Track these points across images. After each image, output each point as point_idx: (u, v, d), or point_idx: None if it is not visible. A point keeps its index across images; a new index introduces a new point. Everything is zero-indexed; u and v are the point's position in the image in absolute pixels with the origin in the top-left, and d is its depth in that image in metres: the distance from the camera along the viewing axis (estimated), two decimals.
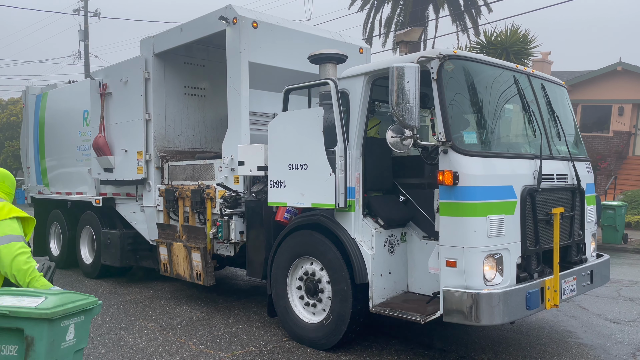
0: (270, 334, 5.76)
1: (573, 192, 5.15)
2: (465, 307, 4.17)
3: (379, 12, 24.17)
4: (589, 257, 5.48)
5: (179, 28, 7.03)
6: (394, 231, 5.12)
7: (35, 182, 10.60)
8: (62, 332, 2.60)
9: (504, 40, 17.78)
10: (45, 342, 2.46)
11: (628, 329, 6.03)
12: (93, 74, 8.65)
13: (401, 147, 4.30)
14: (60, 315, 2.55)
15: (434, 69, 4.43)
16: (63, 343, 2.60)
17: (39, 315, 2.45)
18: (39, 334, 2.45)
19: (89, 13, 27.95)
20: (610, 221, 12.85)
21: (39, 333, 2.45)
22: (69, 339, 2.66)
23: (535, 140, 4.96)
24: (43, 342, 2.45)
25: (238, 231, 6.13)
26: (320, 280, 5.21)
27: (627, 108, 21.57)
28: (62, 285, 8.41)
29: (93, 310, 2.86)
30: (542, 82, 5.37)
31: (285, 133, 5.36)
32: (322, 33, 7.08)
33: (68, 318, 2.64)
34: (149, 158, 7.45)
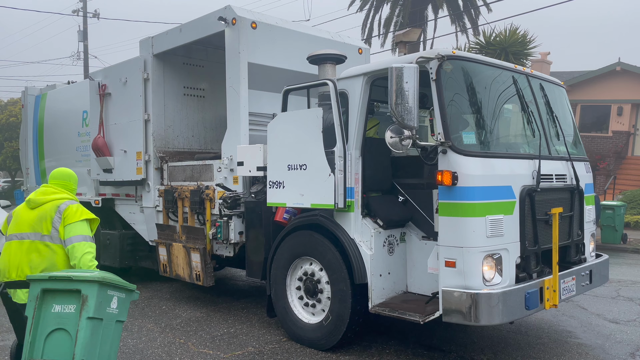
0: (270, 335, 5.77)
1: (572, 192, 5.16)
2: (464, 307, 4.17)
3: (378, 12, 24.18)
4: (588, 257, 5.48)
5: (178, 29, 7.03)
6: (393, 231, 5.12)
7: (35, 183, 10.58)
8: (108, 299, 3.30)
9: (503, 40, 17.79)
10: (94, 300, 3.19)
11: (627, 329, 6.03)
12: (92, 75, 8.65)
13: (400, 147, 4.30)
14: (107, 282, 3.28)
15: (432, 69, 4.43)
16: (108, 308, 3.31)
17: (92, 279, 3.23)
18: (91, 294, 3.19)
19: (88, 14, 27.95)
20: (609, 221, 12.86)
21: (91, 293, 3.19)
22: (113, 307, 3.35)
23: (534, 140, 4.96)
24: (93, 300, 3.18)
25: (237, 232, 6.13)
26: (319, 280, 5.21)
27: (626, 108, 21.58)
28: None
29: (133, 294, 3.52)
30: (540, 82, 5.38)
31: (284, 133, 5.36)
32: (321, 33, 7.08)
33: (112, 289, 3.34)
34: (148, 159, 7.45)
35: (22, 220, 3.86)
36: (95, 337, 3.22)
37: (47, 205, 3.85)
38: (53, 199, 3.89)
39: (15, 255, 3.77)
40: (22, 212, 3.92)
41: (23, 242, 3.80)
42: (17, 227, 3.87)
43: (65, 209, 3.81)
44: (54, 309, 3.23)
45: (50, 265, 3.75)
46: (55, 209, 3.81)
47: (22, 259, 3.75)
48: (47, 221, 3.78)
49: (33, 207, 3.88)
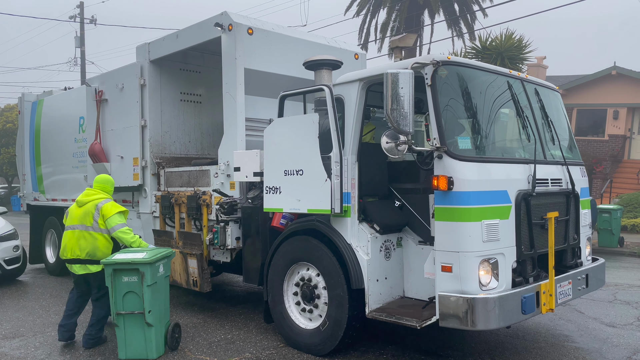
0: (267, 340, 5.75)
1: (567, 196, 5.18)
2: (461, 312, 4.17)
3: (375, 17, 24.29)
4: (585, 261, 5.50)
5: (174, 35, 7.05)
6: (389, 236, 5.13)
7: (31, 189, 10.58)
8: (156, 268, 5.19)
9: (499, 45, 17.86)
10: (149, 273, 5.04)
11: (624, 333, 6.04)
12: (89, 81, 8.66)
13: (396, 152, 4.31)
14: (154, 261, 5.10)
15: (427, 74, 4.45)
16: (158, 274, 5.23)
17: (144, 262, 5.01)
18: (146, 271, 5.03)
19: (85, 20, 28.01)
20: (606, 225, 12.89)
21: (145, 270, 5.02)
22: (160, 271, 5.29)
23: (530, 145, 4.98)
24: (148, 273, 5.04)
25: (234, 237, 6.13)
26: (316, 286, 5.21)
27: (622, 112, 21.69)
28: (57, 291, 8.39)
29: (171, 256, 5.61)
30: (535, 87, 5.41)
31: (280, 139, 5.37)
32: (318, 39, 7.11)
33: (159, 261, 5.24)
34: (144, 164, 7.45)
35: (73, 215, 5.62)
36: (154, 294, 5.15)
37: (89, 204, 5.56)
38: (93, 199, 5.59)
39: (70, 241, 5.56)
40: (73, 209, 5.67)
41: (74, 232, 5.55)
42: (70, 220, 5.64)
43: (102, 207, 5.51)
44: (123, 280, 5.05)
45: (93, 247, 5.49)
46: (94, 207, 5.54)
47: (74, 244, 5.53)
48: (89, 216, 5.51)
49: (80, 205, 5.60)
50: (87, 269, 5.51)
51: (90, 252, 5.48)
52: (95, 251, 5.48)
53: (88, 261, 5.50)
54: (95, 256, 5.50)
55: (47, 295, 8.24)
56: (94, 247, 5.48)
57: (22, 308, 7.47)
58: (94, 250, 5.48)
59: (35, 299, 8.05)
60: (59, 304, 7.62)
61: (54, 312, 7.16)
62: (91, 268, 5.50)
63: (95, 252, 5.48)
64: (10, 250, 9.08)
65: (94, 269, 5.50)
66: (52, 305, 7.56)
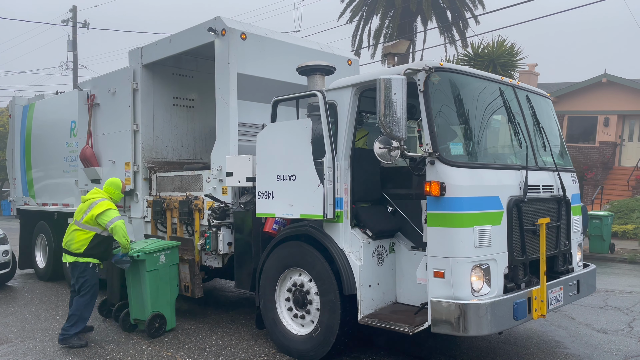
0: (259, 347, 5.72)
1: (559, 203, 5.20)
2: (453, 318, 4.17)
3: (368, 23, 24.43)
4: (576, 267, 5.52)
5: (167, 39, 7.04)
6: (382, 242, 5.13)
7: (22, 194, 10.48)
8: (156, 258, 6.14)
9: (491, 52, 18.01)
10: (148, 260, 6.04)
11: (615, 339, 6.07)
12: (81, 85, 8.61)
13: (389, 158, 4.31)
14: (153, 251, 6.09)
15: (420, 81, 4.47)
16: (158, 262, 6.15)
17: (145, 251, 6.01)
18: (146, 259, 6.03)
19: (78, 24, 27.90)
20: (597, 231, 12.98)
21: (146, 257, 6.04)
22: (161, 260, 6.19)
23: (521, 151, 5.01)
24: (147, 261, 6.04)
25: (226, 242, 6.10)
26: (308, 291, 5.19)
27: (613, 119, 21.89)
28: (47, 297, 8.30)
29: (175, 248, 6.44)
30: (527, 93, 5.44)
31: (273, 144, 5.36)
32: (311, 44, 7.12)
33: (159, 252, 6.18)
34: (136, 169, 7.41)
35: (77, 210, 6.05)
36: (155, 279, 6.14)
37: (87, 202, 5.96)
38: (91, 197, 5.99)
39: (67, 231, 6.01)
40: (80, 205, 6.09)
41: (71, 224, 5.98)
42: (75, 214, 6.07)
43: (94, 206, 5.86)
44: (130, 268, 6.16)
45: (71, 238, 5.89)
46: (88, 205, 5.91)
47: (66, 234, 5.99)
48: (82, 212, 5.91)
49: (83, 202, 6.04)
50: (66, 257, 5.95)
51: (68, 242, 5.89)
52: (70, 244, 5.86)
53: (66, 251, 5.92)
54: (70, 249, 5.88)
55: (36, 301, 8.16)
56: (71, 239, 5.87)
57: (11, 314, 7.38)
58: (70, 242, 5.87)
59: (24, 304, 7.96)
60: (48, 310, 7.54)
61: (44, 318, 7.09)
62: (68, 257, 5.92)
63: (70, 244, 5.86)
64: (0, 255, 8.98)
65: (69, 259, 5.90)
66: (42, 311, 7.48)
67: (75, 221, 5.92)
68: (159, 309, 6.17)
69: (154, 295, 6.13)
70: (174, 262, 6.40)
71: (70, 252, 5.87)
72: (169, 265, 6.30)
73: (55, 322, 6.88)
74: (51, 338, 6.15)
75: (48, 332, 6.42)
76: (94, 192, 6.09)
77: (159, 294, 6.19)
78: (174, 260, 6.39)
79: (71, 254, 5.86)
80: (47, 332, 6.40)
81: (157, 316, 6.11)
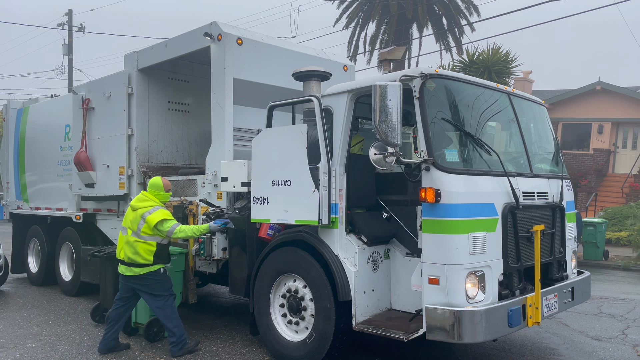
0: (252, 353, 5.69)
1: (553, 210, 5.21)
2: (447, 325, 4.16)
3: (364, 30, 24.52)
4: (570, 274, 5.52)
5: (163, 44, 7.03)
6: (377, 248, 5.12)
7: (15, 198, 10.42)
8: None
9: (486, 59, 18.10)
10: None
11: (609, 346, 6.07)
12: (76, 89, 8.58)
13: (384, 164, 4.31)
14: None
15: (416, 87, 4.48)
16: None
17: None
18: None
19: (74, 28, 27.86)
20: (591, 238, 13.01)
21: None
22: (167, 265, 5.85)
23: (516, 158, 5.02)
24: None
25: (220, 248, 6.07)
26: (303, 297, 5.17)
27: (607, 126, 22.02)
28: (39, 302, 8.24)
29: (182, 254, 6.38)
30: (522, 100, 5.46)
31: (269, 149, 5.35)
32: (307, 50, 7.13)
33: None
34: (131, 173, 7.38)
35: (127, 217, 5.73)
36: None
37: (138, 211, 5.61)
38: (143, 206, 5.62)
39: (120, 242, 5.72)
40: (128, 211, 5.77)
41: (125, 235, 5.67)
42: (124, 221, 5.77)
43: (147, 217, 5.54)
44: None
45: (134, 252, 5.56)
46: (140, 216, 5.58)
47: (122, 245, 5.67)
48: (136, 223, 5.59)
49: (133, 209, 5.68)
50: (132, 270, 5.57)
51: (132, 256, 5.55)
52: (136, 257, 5.54)
53: (131, 264, 5.57)
54: (136, 261, 5.56)
55: (28, 306, 8.08)
56: (134, 252, 5.55)
57: (2, 319, 7.31)
58: (134, 255, 5.55)
59: (16, 309, 7.89)
60: (40, 315, 7.48)
61: (35, 323, 7.02)
62: (135, 270, 5.57)
63: (135, 258, 5.54)
64: None
65: (138, 271, 5.56)
66: (34, 316, 7.41)
67: (133, 232, 5.56)
68: None
69: None
70: (179, 268, 6.34)
71: (138, 264, 5.52)
72: (174, 272, 6.19)
73: (47, 327, 6.82)
74: (43, 344, 6.10)
75: (40, 337, 6.36)
76: (143, 200, 5.69)
77: None
78: (179, 266, 6.33)
79: (139, 265, 5.53)
80: (38, 338, 6.34)
81: (156, 320, 6.04)
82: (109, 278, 6.54)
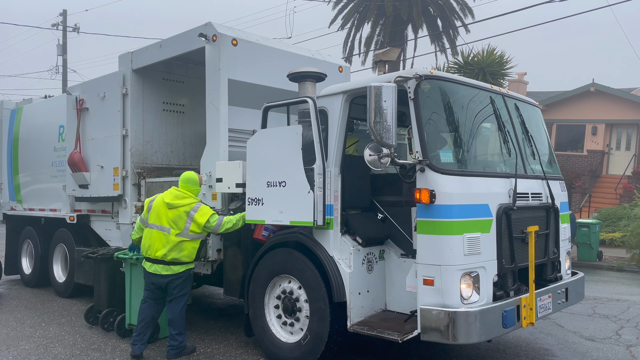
0: (247, 354, 5.67)
1: (547, 211, 5.23)
2: (442, 326, 4.17)
3: (359, 31, 24.56)
4: (564, 275, 5.54)
5: (158, 44, 7.01)
6: (372, 249, 5.12)
7: (8, 199, 10.35)
8: None
9: (481, 60, 18.15)
10: None
11: (603, 347, 6.09)
12: (70, 89, 8.54)
13: (379, 165, 4.31)
14: None
15: (410, 88, 4.49)
16: None
17: None
18: None
19: (68, 28, 27.76)
20: (585, 239, 13.06)
21: None
22: None
23: (510, 159, 5.03)
24: None
25: (215, 249, 6.05)
26: (298, 298, 5.16)
27: (601, 128, 22.13)
28: (33, 304, 8.19)
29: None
30: (516, 102, 5.48)
31: (264, 150, 5.35)
32: (302, 51, 7.12)
33: None
34: (125, 174, 7.35)
35: (160, 215, 5.48)
36: None
37: (181, 210, 5.44)
38: (185, 203, 5.47)
39: (157, 242, 5.45)
40: (161, 208, 5.50)
41: (162, 233, 5.45)
42: (157, 219, 5.49)
43: (195, 216, 5.43)
44: None
45: (180, 252, 5.44)
46: (186, 214, 5.44)
47: (160, 245, 5.43)
48: (181, 222, 5.43)
49: (170, 207, 5.45)
50: (171, 269, 5.45)
51: (177, 256, 5.43)
52: (180, 256, 5.45)
53: (172, 263, 5.45)
54: (180, 260, 5.48)
55: (21, 308, 8.03)
56: (180, 251, 5.43)
57: None
58: (179, 254, 5.44)
59: (9, 311, 7.83)
60: (33, 317, 7.43)
61: (29, 325, 6.98)
62: (174, 268, 5.47)
63: (180, 257, 5.45)
64: None
65: (177, 269, 5.48)
66: (27, 318, 7.37)
67: (179, 233, 5.40)
68: None
69: None
70: None
71: (181, 262, 5.46)
72: None
73: (40, 329, 6.78)
74: (36, 345, 6.06)
75: (33, 339, 6.32)
76: (181, 197, 5.50)
77: None
78: None
79: (182, 264, 5.47)
80: (32, 340, 6.30)
81: None
82: (103, 279, 6.52)
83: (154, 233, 5.48)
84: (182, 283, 5.54)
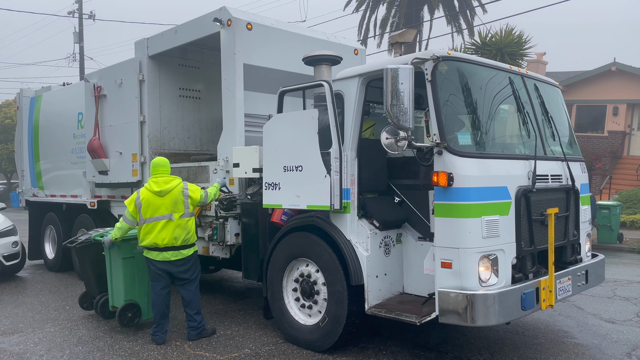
0: (266, 336, 5.75)
1: (567, 193, 5.17)
2: (460, 308, 4.17)
3: (374, 13, 24.24)
4: (584, 257, 5.49)
5: (173, 30, 7.02)
6: (389, 232, 5.12)
7: (30, 185, 10.56)
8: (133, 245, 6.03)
9: (499, 41, 17.83)
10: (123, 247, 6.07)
11: (623, 329, 6.05)
12: (87, 77, 8.63)
13: (396, 148, 4.29)
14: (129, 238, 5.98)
15: (427, 70, 4.43)
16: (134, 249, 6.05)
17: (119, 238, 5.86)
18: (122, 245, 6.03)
19: (84, 15, 27.89)
20: (605, 221, 12.90)
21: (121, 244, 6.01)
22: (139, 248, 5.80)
23: (530, 140, 4.96)
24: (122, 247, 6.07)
25: (233, 233, 6.11)
26: (315, 282, 5.20)
27: (622, 108, 21.66)
28: (57, 287, 8.38)
29: None
30: (535, 82, 5.38)
31: (280, 135, 5.35)
32: (317, 34, 7.08)
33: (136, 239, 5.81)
34: (143, 160, 7.43)
35: (157, 205, 5.45)
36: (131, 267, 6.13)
37: (174, 192, 5.49)
38: (174, 185, 5.52)
39: (163, 231, 5.45)
40: (152, 200, 5.46)
41: (168, 222, 5.46)
42: (155, 211, 5.46)
43: (189, 193, 5.56)
44: None
45: (187, 233, 5.56)
46: (181, 194, 5.52)
47: (167, 233, 5.45)
48: (180, 204, 5.51)
49: (161, 195, 5.46)
50: (181, 254, 5.55)
51: (186, 237, 5.54)
52: (189, 236, 5.58)
53: (182, 247, 5.56)
54: (189, 241, 5.61)
55: (46, 292, 8.24)
56: (187, 232, 5.56)
57: (21, 304, 7.46)
58: (187, 235, 5.56)
59: (34, 295, 8.04)
60: (58, 300, 7.62)
61: (53, 308, 7.16)
62: (184, 252, 5.58)
63: (189, 237, 5.58)
64: (9, 246, 9.07)
65: (187, 253, 5.61)
66: (51, 301, 7.56)
67: (182, 215, 5.48)
68: (134, 297, 6.07)
69: (128, 284, 6.02)
70: None
71: (189, 244, 5.60)
72: None
73: (64, 312, 6.95)
74: (61, 328, 6.22)
75: (58, 322, 6.49)
76: (166, 182, 5.52)
77: (135, 283, 6.08)
78: None
79: (189, 246, 5.61)
80: (57, 322, 6.46)
81: (131, 305, 6.00)
82: (88, 266, 6.43)
83: (157, 225, 5.46)
84: (192, 266, 5.66)
